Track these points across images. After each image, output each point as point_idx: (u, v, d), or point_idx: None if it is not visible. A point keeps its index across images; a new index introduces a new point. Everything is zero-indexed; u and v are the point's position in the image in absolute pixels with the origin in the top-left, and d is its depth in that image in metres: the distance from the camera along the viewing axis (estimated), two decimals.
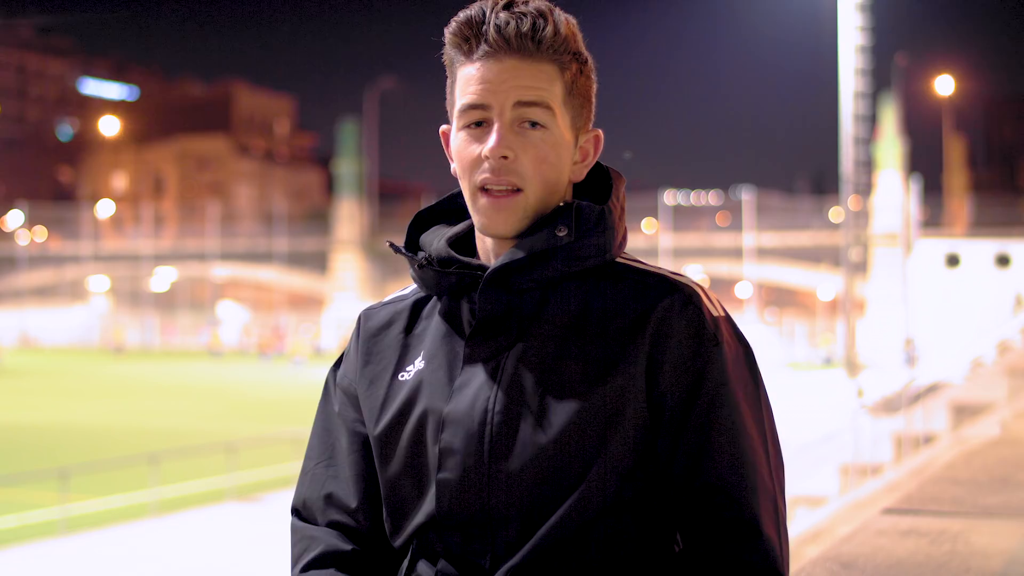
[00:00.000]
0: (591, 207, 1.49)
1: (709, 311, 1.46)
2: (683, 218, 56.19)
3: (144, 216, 75.06)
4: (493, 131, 1.45)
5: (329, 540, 1.56)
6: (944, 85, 51.18)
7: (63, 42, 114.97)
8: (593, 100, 1.53)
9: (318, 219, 70.75)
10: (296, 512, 1.62)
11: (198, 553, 13.78)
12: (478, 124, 1.47)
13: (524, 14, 1.44)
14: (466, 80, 1.46)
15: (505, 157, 1.45)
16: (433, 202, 1.63)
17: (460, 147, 1.49)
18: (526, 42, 1.44)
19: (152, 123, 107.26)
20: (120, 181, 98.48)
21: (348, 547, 1.56)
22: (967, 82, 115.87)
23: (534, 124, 1.45)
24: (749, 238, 52.47)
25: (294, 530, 1.61)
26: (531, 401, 1.42)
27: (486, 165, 1.46)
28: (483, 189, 1.47)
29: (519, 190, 1.46)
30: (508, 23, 1.43)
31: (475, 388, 1.46)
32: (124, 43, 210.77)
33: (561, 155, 1.48)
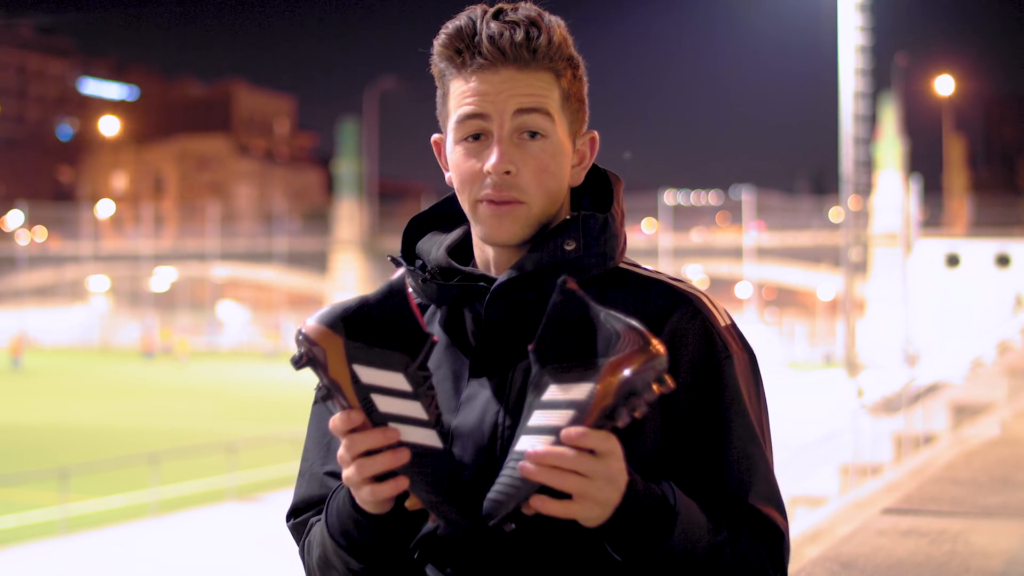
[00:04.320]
0: (596, 218, 1.49)
1: (718, 322, 1.47)
2: (683, 218, 56.20)
3: (144, 216, 75.11)
4: (494, 146, 1.44)
5: None
6: (944, 85, 51.21)
7: (63, 42, 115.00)
8: (586, 101, 1.52)
9: (318, 219, 70.78)
10: (294, 513, 1.59)
11: (198, 553, 13.78)
12: (476, 137, 1.45)
13: (516, 23, 1.43)
14: (461, 92, 1.45)
15: (508, 172, 1.44)
16: (426, 208, 1.61)
17: (458, 161, 1.47)
18: (521, 52, 1.42)
19: (152, 123, 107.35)
20: (120, 181, 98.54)
21: None
22: (967, 82, 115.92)
23: (534, 134, 1.44)
24: (749, 238, 52.48)
25: (294, 528, 1.58)
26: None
27: (488, 180, 1.44)
28: (485, 200, 1.46)
29: (521, 202, 1.45)
30: (502, 34, 1.42)
31: (483, 402, 1.46)
32: (124, 43, 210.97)
33: (561, 163, 1.47)
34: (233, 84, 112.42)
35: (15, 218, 77.15)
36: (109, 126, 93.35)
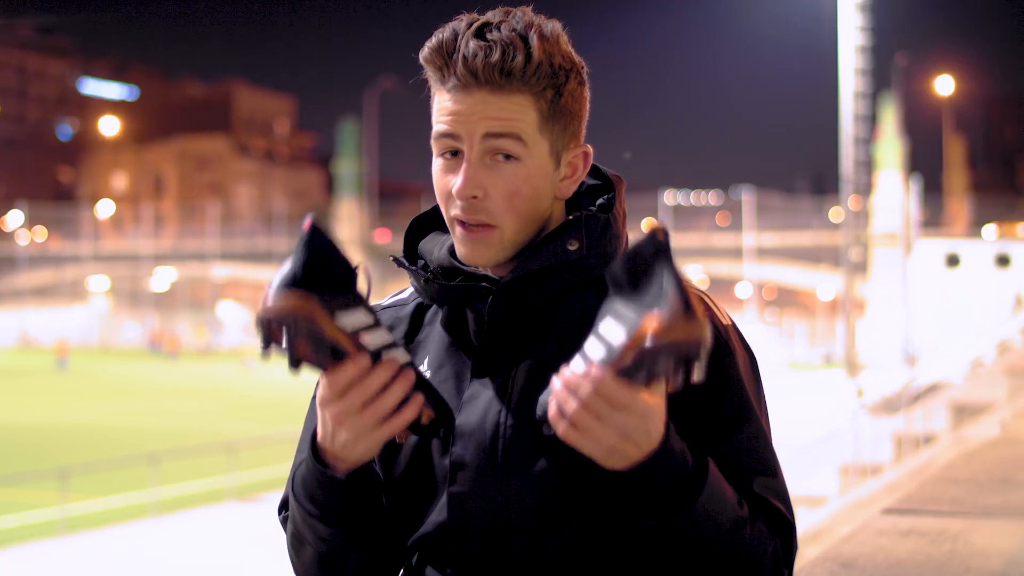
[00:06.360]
0: (597, 218, 1.48)
1: (719, 320, 1.46)
2: (683, 218, 56.18)
3: (144, 216, 75.07)
4: (462, 168, 1.43)
5: None
6: (944, 85, 51.23)
7: (63, 42, 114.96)
8: (583, 113, 1.49)
9: (318, 219, 70.64)
10: (285, 505, 1.56)
11: (198, 553, 13.79)
12: (454, 154, 1.44)
13: (494, 43, 1.40)
14: (439, 109, 1.44)
15: (475, 197, 1.43)
16: (427, 208, 1.61)
17: (437, 176, 1.47)
18: (494, 75, 1.40)
19: (152, 123, 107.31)
20: (120, 181, 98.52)
21: None
22: (967, 82, 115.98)
23: (508, 156, 1.42)
24: (749, 238, 52.47)
25: (284, 520, 1.55)
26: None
27: (458, 202, 1.44)
28: (458, 221, 1.46)
29: (493, 226, 1.44)
30: (476, 55, 1.39)
31: (485, 401, 1.45)
32: (124, 43, 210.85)
33: (536, 185, 1.45)
34: (233, 84, 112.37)
35: (15, 218, 77.12)
36: (109, 126, 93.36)
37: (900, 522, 4.46)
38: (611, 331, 1.25)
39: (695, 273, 53.26)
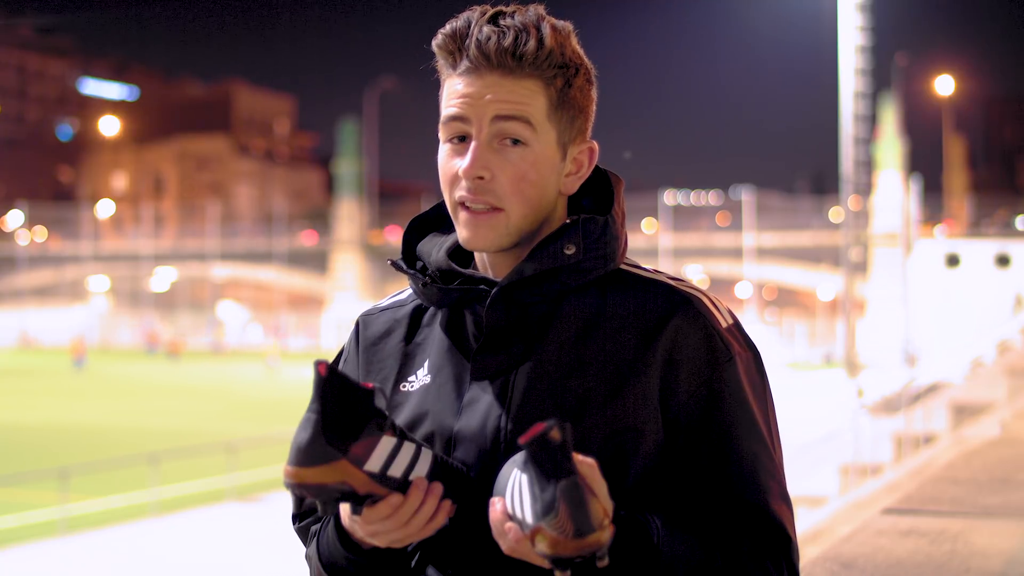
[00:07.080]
0: (596, 221, 1.48)
1: (719, 324, 1.46)
2: (683, 218, 56.21)
3: (144, 216, 75.10)
4: (470, 148, 1.44)
5: None
6: (944, 85, 51.21)
7: (63, 42, 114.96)
8: (590, 110, 1.50)
9: (318, 219, 70.81)
10: (297, 517, 1.60)
11: (198, 553, 13.78)
12: (461, 139, 1.45)
13: (507, 28, 1.42)
14: (449, 93, 1.46)
15: (481, 177, 1.43)
16: (426, 209, 1.61)
17: (442, 161, 1.47)
18: (506, 58, 1.41)
19: (152, 123, 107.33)
20: (120, 181, 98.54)
21: None
22: (967, 82, 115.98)
23: (516, 141, 1.43)
24: (749, 238, 52.48)
25: (299, 532, 1.59)
26: (544, 417, 1.41)
27: (464, 183, 1.44)
28: (462, 205, 1.46)
29: (499, 209, 1.45)
30: (489, 39, 1.41)
31: (485, 405, 1.45)
32: (124, 43, 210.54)
33: (543, 172, 1.46)
34: (233, 84, 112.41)
35: (15, 218, 77.14)
36: (109, 126, 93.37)
37: (900, 522, 4.46)
38: (523, 503, 1.25)
39: (695, 273, 53.32)
